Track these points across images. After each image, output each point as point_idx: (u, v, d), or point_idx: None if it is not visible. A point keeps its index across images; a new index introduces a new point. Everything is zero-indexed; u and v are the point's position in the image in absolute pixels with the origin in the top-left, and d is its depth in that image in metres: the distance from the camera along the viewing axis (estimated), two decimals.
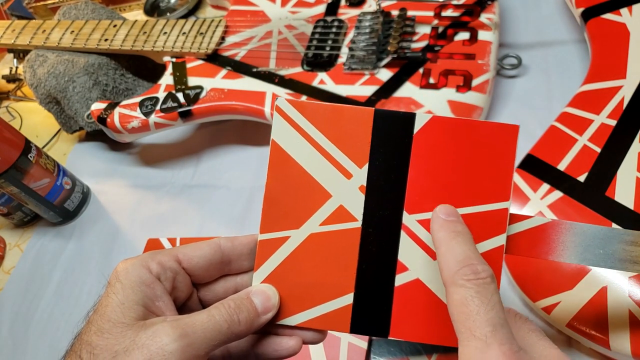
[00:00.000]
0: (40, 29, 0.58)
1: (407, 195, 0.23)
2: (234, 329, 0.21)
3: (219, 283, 0.25)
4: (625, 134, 0.38)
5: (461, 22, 0.48)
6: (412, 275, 0.23)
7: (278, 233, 0.24)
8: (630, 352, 0.31)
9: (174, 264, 0.23)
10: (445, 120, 0.23)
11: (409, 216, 0.24)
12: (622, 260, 0.24)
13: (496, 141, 0.23)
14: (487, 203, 0.23)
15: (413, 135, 0.23)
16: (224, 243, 0.24)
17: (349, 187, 0.24)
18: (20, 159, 0.46)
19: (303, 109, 0.24)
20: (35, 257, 0.51)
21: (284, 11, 0.55)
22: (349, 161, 0.24)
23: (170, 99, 0.49)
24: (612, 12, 0.45)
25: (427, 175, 0.23)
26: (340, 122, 0.24)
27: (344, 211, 0.24)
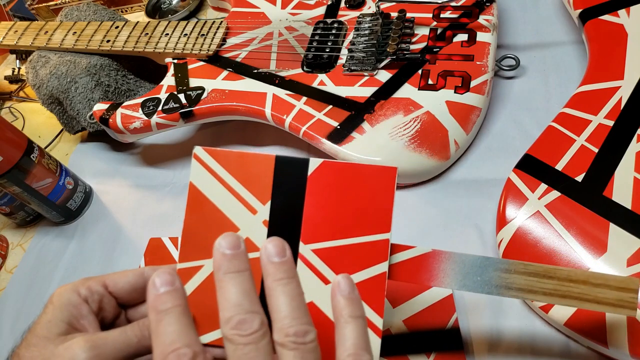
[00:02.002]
0: (43, 30, 0.58)
1: (302, 228, 0.27)
2: (144, 342, 0.25)
3: (143, 306, 0.28)
4: (623, 135, 0.38)
5: (460, 23, 0.48)
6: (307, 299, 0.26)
7: (193, 262, 0.27)
8: (628, 351, 0.31)
9: (101, 288, 0.27)
10: (335, 164, 0.27)
11: (304, 246, 0.27)
12: (497, 286, 0.27)
13: (378, 181, 0.26)
14: (370, 234, 0.26)
15: (307, 176, 0.27)
16: (148, 271, 0.28)
17: (254, 222, 0.27)
18: (23, 159, 0.47)
19: (217, 155, 0.27)
20: (37, 256, 0.52)
21: (284, 13, 0.55)
22: (254, 199, 0.27)
23: (172, 100, 0.49)
24: (610, 13, 0.45)
25: (319, 211, 0.27)
26: (248, 167, 0.27)
27: (250, 242, 0.27)
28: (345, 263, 0.26)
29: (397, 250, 0.27)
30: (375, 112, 0.44)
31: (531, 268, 0.27)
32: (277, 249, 0.23)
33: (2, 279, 0.51)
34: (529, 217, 0.36)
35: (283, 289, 0.23)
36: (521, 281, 0.27)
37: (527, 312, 0.36)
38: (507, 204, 0.37)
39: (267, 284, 0.23)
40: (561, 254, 0.34)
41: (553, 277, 0.27)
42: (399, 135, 0.42)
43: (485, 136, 0.46)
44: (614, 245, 0.33)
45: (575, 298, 0.27)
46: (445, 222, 0.42)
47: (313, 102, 0.46)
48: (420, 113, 0.43)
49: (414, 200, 0.44)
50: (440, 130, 0.42)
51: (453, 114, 0.43)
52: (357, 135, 0.43)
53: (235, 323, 0.22)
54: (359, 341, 0.22)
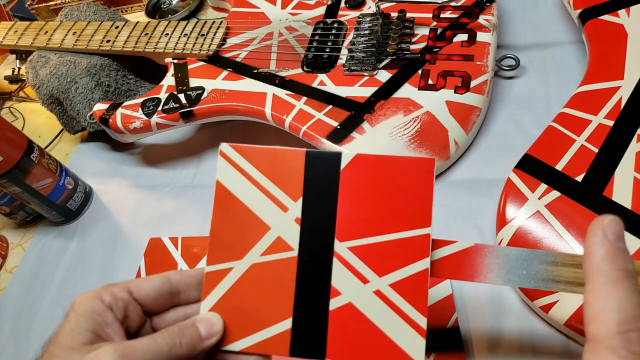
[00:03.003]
0: (43, 30, 0.58)
1: (337, 224, 0.25)
2: (176, 351, 0.23)
3: (170, 313, 0.27)
4: (623, 135, 0.38)
5: (460, 23, 0.48)
6: (344, 300, 0.25)
7: (222, 265, 0.26)
8: None
9: (126, 295, 0.25)
10: (369, 157, 0.26)
11: (339, 244, 0.25)
12: (544, 280, 0.25)
13: (416, 173, 0.25)
14: (410, 229, 0.25)
15: (340, 171, 0.26)
16: (174, 276, 0.26)
17: (285, 220, 0.26)
18: (23, 159, 0.47)
19: (244, 152, 0.26)
20: (37, 256, 0.52)
21: (284, 13, 0.55)
22: (285, 196, 0.26)
23: (172, 100, 0.49)
24: (610, 13, 0.45)
25: (354, 206, 0.25)
26: (277, 163, 0.26)
27: (281, 242, 0.26)
28: (385, 260, 0.25)
29: (438, 246, 0.26)
30: (375, 112, 0.44)
31: (579, 259, 0.25)
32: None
33: (2, 279, 0.51)
34: (529, 217, 0.36)
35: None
36: (569, 274, 0.25)
37: (527, 312, 0.36)
38: (507, 204, 0.37)
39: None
40: None
41: None
42: (399, 135, 0.42)
43: (485, 136, 0.46)
44: None
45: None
46: (445, 222, 0.42)
47: (313, 102, 0.46)
48: (420, 113, 0.43)
49: None
50: (440, 130, 0.42)
51: (453, 114, 0.43)
52: (357, 135, 0.43)
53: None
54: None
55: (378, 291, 0.25)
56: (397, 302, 0.25)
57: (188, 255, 0.46)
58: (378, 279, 0.25)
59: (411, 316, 0.24)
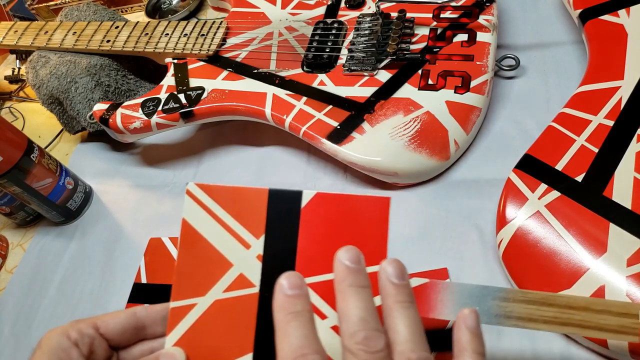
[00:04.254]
0: (43, 30, 0.58)
1: (297, 261, 0.26)
2: None
3: (136, 347, 0.28)
4: (623, 135, 0.38)
5: (460, 23, 0.48)
6: None
7: (187, 301, 0.26)
8: (628, 351, 0.31)
9: (92, 331, 0.26)
10: (328, 196, 0.26)
11: None
12: (497, 315, 0.26)
13: (371, 212, 0.26)
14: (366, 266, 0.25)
15: (301, 209, 0.26)
16: (140, 311, 0.28)
17: (248, 257, 0.26)
18: (23, 159, 0.47)
19: (210, 191, 0.27)
20: (37, 256, 0.52)
21: (284, 13, 0.55)
22: (248, 234, 0.27)
23: (172, 100, 0.49)
24: (610, 13, 0.45)
25: (314, 243, 0.26)
26: (241, 201, 0.27)
27: (243, 278, 0.26)
28: None
29: None
30: (375, 112, 0.44)
31: (530, 296, 0.27)
32: (397, 271, 0.23)
33: (2, 279, 0.51)
34: (529, 217, 0.36)
35: (405, 312, 0.22)
36: (520, 310, 0.26)
37: None
38: (507, 204, 0.37)
39: (386, 304, 0.23)
40: (561, 254, 0.34)
41: (552, 304, 0.26)
42: (399, 135, 0.42)
43: (485, 136, 0.46)
44: (614, 246, 0.33)
45: (576, 325, 0.26)
46: (445, 222, 0.42)
47: (313, 102, 0.46)
48: (420, 113, 0.43)
49: (414, 200, 0.44)
50: (440, 130, 0.42)
51: (453, 114, 0.43)
52: (357, 135, 0.43)
53: (362, 338, 0.21)
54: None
55: (335, 327, 0.25)
56: None
57: None
58: (335, 315, 0.25)
59: None
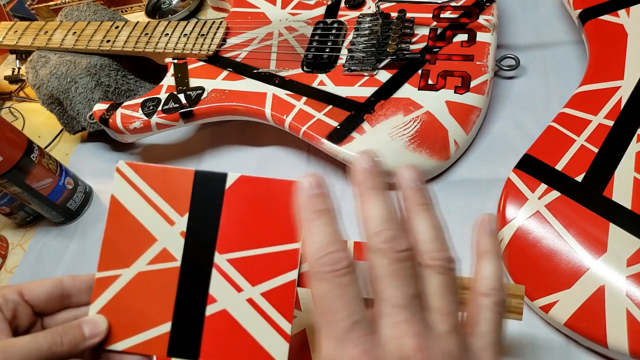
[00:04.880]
0: (43, 30, 0.58)
1: (218, 238, 0.28)
2: (55, 349, 0.25)
3: (60, 314, 0.29)
4: (623, 135, 0.38)
5: (460, 23, 0.48)
6: (220, 306, 0.27)
7: (112, 272, 0.28)
8: (628, 351, 0.31)
9: (16, 297, 0.27)
10: (251, 179, 0.28)
11: (219, 256, 0.28)
12: None
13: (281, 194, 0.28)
14: (281, 244, 0.27)
15: (225, 190, 0.28)
16: (66, 280, 0.29)
17: (171, 233, 0.28)
18: (23, 159, 0.47)
19: (138, 169, 0.29)
20: (37, 256, 0.52)
21: (284, 13, 0.55)
22: (172, 211, 0.28)
23: (172, 100, 0.49)
24: (610, 13, 0.45)
25: (235, 222, 0.28)
26: (168, 180, 0.28)
27: (166, 253, 0.28)
28: (258, 271, 0.27)
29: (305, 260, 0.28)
30: (375, 112, 0.44)
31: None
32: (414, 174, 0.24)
33: (2, 279, 0.51)
34: (528, 217, 0.36)
35: (426, 214, 0.23)
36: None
37: (527, 312, 0.36)
38: (507, 204, 0.37)
39: (407, 207, 0.23)
40: (561, 254, 0.34)
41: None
42: (399, 135, 0.42)
43: (485, 136, 0.46)
44: (614, 246, 0.33)
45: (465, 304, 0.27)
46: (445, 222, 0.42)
47: (313, 102, 0.46)
48: (420, 113, 0.43)
49: None
50: (440, 130, 0.42)
51: (453, 114, 0.43)
52: (357, 135, 0.43)
53: (388, 237, 0.21)
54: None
55: (250, 299, 0.27)
56: (266, 310, 0.27)
57: None
58: (251, 288, 0.27)
59: (278, 322, 0.27)
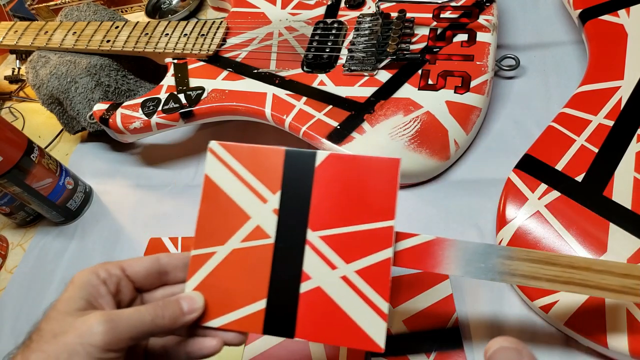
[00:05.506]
0: (43, 30, 0.58)
1: (310, 215, 0.28)
2: (158, 322, 0.26)
3: (158, 291, 0.30)
4: (623, 135, 0.38)
5: (460, 23, 0.48)
6: (314, 284, 0.27)
7: (207, 249, 0.29)
8: (628, 351, 0.31)
9: (119, 272, 0.28)
10: (341, 157, 0.28)
11: (312, 233, 0.28)
12: (501, 272, 0.27)
13: (382, 171, 0.28)
14: (375, 221, 0.27)
15: (315, 167, 0.28)
16: (163, 257, 0.30)
17: (264, 210, 0.29)
18: (23, 159, 0.47)
19: (230, 149, 0.29)
20: (37, 256, 0.52)
21: (284, 13, 0.55)
22: (265, 189, 0.29)
23: (172, 100, 0.49)
24: (610, 13, 0.45)
25: (327, 200, 0.28)
26: (259, 159, 0.29)
27: (260, 230, 0.28)
28: (352, 249, 0.27)
29: (401, 238, 0.28)
30: (375, 112, 0.44)
31: (533, 255, 0.27)
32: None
33: (2, 279, 0.51)
34: (529, 217, 0.36)
35: None
36: (524, 268, 0.27)
37: (527, 312, 0.36)
38: (507, 204, 0.37)
39: None
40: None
41: (555, 263, 0.27)
42: (399, 135, 0.42)
43: (485, 136, 0.46)
44: (614, 245, 0.33)
45: (577, 284, 0.27)
46: (445, 222, 0.42)
47: (313, 102, 0.46)
48: (420, 113, 0.43)
49: (414, 200, 0.44)
50: (440, 130, 0.42)
51: (453, 114, 0.43)
52: (357, 135, 0.43)
53: None
54: None
55: (345, 277, 0.27)
56: (361, 288, 0.27)
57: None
58: (345, 266, 0.27)
59: (374, 301, 0.27)
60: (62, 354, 0.24)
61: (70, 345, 0.24)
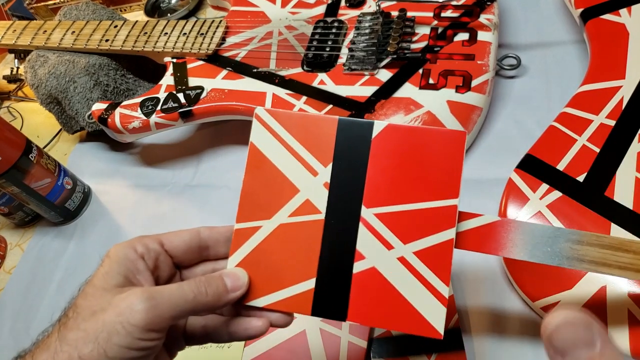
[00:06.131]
0: (41, 29, 0.58)
1: (365, 191, 0.26)
2: (201, 299, 0.24)
3: (199, 267, 0.28)
4: (624, 134, 0.38)
5: (461, 22, 0.48)
6: (368, 264, 0.25)
7: (251, 223, 0.27)
8: (630, 351, 0.31)
9: (157, 246, 0.26)
10: (401, 127, 0.26)
11: (366, 210, 0.26)
12: (569, 258, 0.26)
13: (446, 145, 0.25)
14: (437, 199, 0.25)
15: (371, 139, 0.26)
16: (203, 231, 0.28)
17: (315, 184, 0.26)
18: (21, 159, 0.47)
19: (278, 116, 0.27)
20: (36, 256, 0.51)
21: (284, 12, 0.55)
22: (315, 161, 0.27)
23: (171, 100, 0.49)
24: (612, 12, 0.45)
25: (383, 174, 0.26)
26: (310, 128, 0.27)
27: (309, 204, 0.26)
28: (410, 228, 0.25)
29: (464, 218, 0.26)
30: (375, 112, 0.44)
31: (605, 240, 0.26)
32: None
33: (0, 279, 0.51)
34: (530, 217, 0.36)
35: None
36: (594, 253, 0.26)
37: (527, 312, 0.36)
38: (509, 204, 0.37)
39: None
40: None
41: (629, 250, 0.26)
42: None
43: (486, 136, 0.46)
44: None
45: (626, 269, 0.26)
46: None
47: (313, 101, 0.46)
48: (421, 112, 0.43)
49: None
50: None
51: (454, 113, 0.43)
52: None
53: None
54: None
55: (402, 258, 0.25)
56: (420, 270, 0.25)
57: None
58: (402, 246, 0.25)
59: (434, 284, 0.25)
60: (102, 333, 0.22)
61: (110, 324, 0.22)
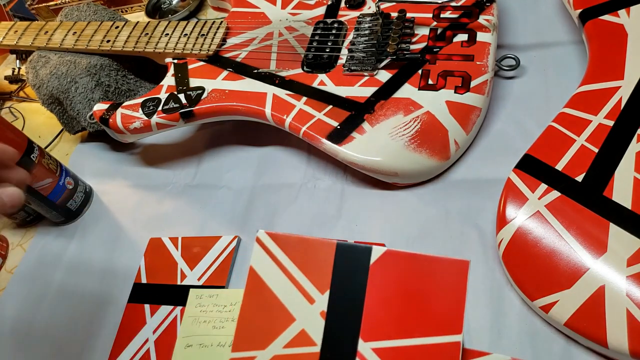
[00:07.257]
0: (43, 30, 0.58)
1: (363, 322, 0.25)
2: None
3: None
4: (623, 135, 0.38)
5: (460, 23, 0.48)
6: None
7: (247, 353, 0.26)
8: (628, 351, 0.31)
9: None
10: (399, 254, 0.25)
11: (364, 344, 0.24)
12: None
13: (448, 275, 0.24)
14: (439, 335, 0.24)
15: (369, 266, 0.25)
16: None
17: (311, 312, 0.25)
18: (23, 159, 0.47)
19: (278, 239, 0.27)
20: (37, 256, 0.52)
21: (284, 13, 0.55)
22: (313, 288, 0.26)
23: (172, 100, 0.49)
24: (610, 13, 0.45)
25: (382, 305, 0.25)
26: (308, 252, 0.26)
27: (305, 335, 0.25)
28: None
29: (469, 357, 0.25)
30: (375, 112, 0.44)
31: None
32: None
33: (2, 279, 0.51)
34: (529, 217, 0.36)
35: None
36: None
37: (527, 312, 0.36)
38: (507, 204, 0.37)
39: None
40: (561, 254, 0.34)
41: None
42: (399, 135, 0.42)
43: (485, 136, 0.46)
44: (614, 246, 0.33)
45: None
46: (445, 222, 0.42)
47: (313, 102, 0.46)
48: (420, 113, 0.43)
49: (414, 200, 0.44)
50: (440, 130, 0.42)
51: (453, 114, 0.43)
52: (357, 135, 0.43)
53: None
54: None
55: None
56: None
57: (188, 255, 0.46)
58: None
59: None
60: None
61: None
